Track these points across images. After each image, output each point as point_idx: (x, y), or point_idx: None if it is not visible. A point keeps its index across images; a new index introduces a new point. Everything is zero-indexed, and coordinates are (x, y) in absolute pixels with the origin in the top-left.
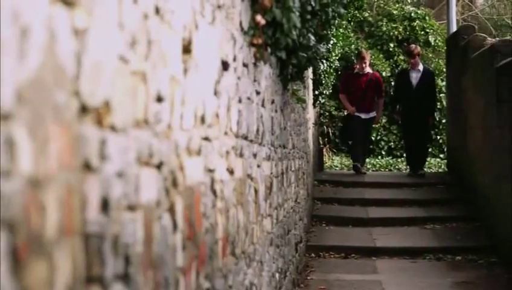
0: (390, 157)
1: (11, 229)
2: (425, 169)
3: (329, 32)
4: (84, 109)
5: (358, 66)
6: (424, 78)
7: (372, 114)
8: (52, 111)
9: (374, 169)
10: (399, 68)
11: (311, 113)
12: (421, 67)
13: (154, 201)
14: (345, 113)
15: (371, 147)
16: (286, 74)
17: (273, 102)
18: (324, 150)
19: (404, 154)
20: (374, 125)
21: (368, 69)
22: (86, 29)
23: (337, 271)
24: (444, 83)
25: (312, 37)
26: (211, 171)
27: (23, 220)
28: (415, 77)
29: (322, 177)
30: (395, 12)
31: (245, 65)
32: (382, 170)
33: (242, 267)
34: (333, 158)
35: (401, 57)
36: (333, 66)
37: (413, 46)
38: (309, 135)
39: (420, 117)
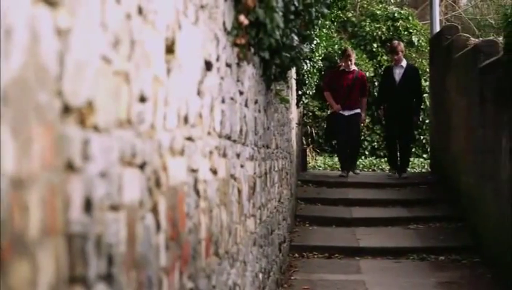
0: (374, 157)
1: None
2: (406, 172)
3: (312, 32)
4: (67, 109)
5: (343, 64)
6: (408, 74)
7: (356, 110)
8: (35, 111)
9: (357, 169)
10: (381, 69)
11: (294, 113)
12: (404, 63)
13: (137, 201)
14: (329, 112)
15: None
16: (269, 74)
17: (256, 102)
18: (307, 150)
19: (386, 155)
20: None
21: (354, 67)
22: (69, 29)
23: (320, 271)
24: (428, 83)
25: (295, 37)
26: (194, 171)
27: (6, 221)
28: (398, 73)
29: (305, 177)
30: (378, 12)
31: (228, 65)
32: (365, 170)
33: (225, 267)
34: (316, 158)
35: (385, 57)
36: (316, 66)
37: (396, 42)
38: (292, 135)
39: (403, 115)
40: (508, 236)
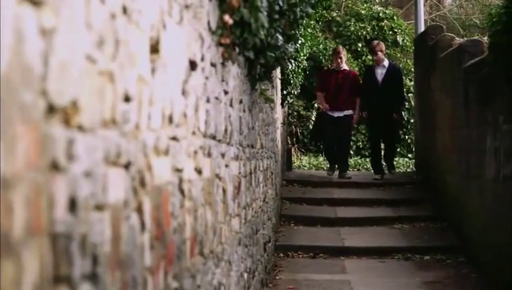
0: (359, 157)
1: None
2: (394, 169)
3: (297, 32)
4: (51, 109)
5: (334, 63)
6: (390, 75)
7: (347, 112)
8: (19, 111)
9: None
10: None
11: (279, 113)
12: (386, 63)
13: (122, 201)
14: (316, 111)
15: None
16: (254, 73)
17: (241, 102)
18: (292, 149)
19: (370, 157)
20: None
21: (345, 66)
22: (53, 29)
23: (305, 271)
24: (412, 83)
25: (280, 37)
26: (179, 170)
27: None
28: (380, 73)
29: (290, 177)
30: (363, 12)
31: (213, 65)
32: (351, 169)
33: (210, 267)
34: (301, 158)
35: (369, 57)
36: (301, 66)
37: (375, 42)
38: (277, 135)
39: (387, 116)
40: (493, 236)
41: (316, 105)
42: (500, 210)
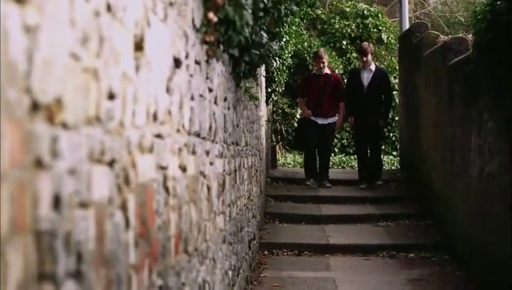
0: (343, 154)
1: None
2: (380, 182)
3: (281, 29)
4: (35, 106)
5: (315, 67)
6: (376, 79)
7: (331, 119)
8: (3, 108)
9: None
10: (351, 66)
11: (264, 111)
12: (373, 67)
13: (106, 198)
14: (300, 116)
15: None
16: (239, 71)
17: (225, 99)
18: (277, 147)
19: (357, 165)
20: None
21: (327, 70)
22: (37, 26)
23: (290, 268)
24: (397, 81)
25: (265, 35)
26: (163, 168)
27: None
28: (366, 77)
29: (275, 175)
30: (347, 9)
31: (197, 62)
32: (335, 167)
33: (195, 264)
34: (286, 155)
35: (354, 54)
36: (286, 64)
37: (366, 43)
38: (262, 133)
39: (372, 122)
40: (477, 233)
41: (299, 110)
42: (485, 207)
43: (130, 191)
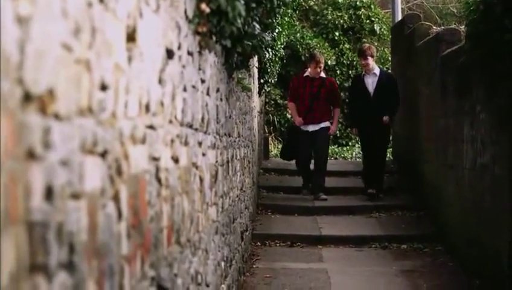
0: (336, 145)
1: None
2: (381, 195)
3: (274, 20)
4: (27, 97)
5: (310, 70)
6: (383, 84)
7: (324, 124)
8: None
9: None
10: (343, 58)
11: (256, 102)
12: (377, 70)
13: (98, 189)
14: (289, 125)
15: None
16: (231, 62)
17: (218, 90)
18: (269, 138)
19: (362, 175)
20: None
21: (321, 74)
22: (30, 17)
23: (282, 259)
24: (390, 72)
25: (257, 26)
26: (155, 159)
27: None
28: (371, 83)
29: (267, 166)
30: (340, 0)
31: (190, 53)
32: (328, 158)
33: (187, 255)
34: (279, 147)
35: (347, 46)
36: (278, 55)
37: (365, 45)
38: (254, 124)
39: (378, 132)
40: (469, 224)
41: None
42: (477, 199)
43: (122, 182)
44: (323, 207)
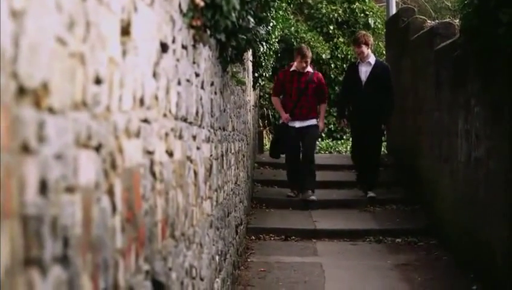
0: (330, 139)
1: None
2: (373, 194)
3: (268, 14)
4: (22, 91)
5: (296, 64)
6: (376, 74)
7: (311, 122)
8: None
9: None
10: (338, 51)
11: (251, 96)
12: (372, 60)
13: (92, 183)
14: (279, 122)
15: None
16: (226, 56)
17: (212, 84)
18: (264, 132)
19: (354, 170)
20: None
21: (308, 68)
22: (24, 10)
23: (277, 253)
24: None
25: (251, 19)
26: (150, 153)
27: None
28: (364, 72)
29: (262, 160)
30: None
31: (184, 47)
32: (322, 152)
33: (182, 249)
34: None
35: (341, 39)
36: (273, 49)
37: (361, 32)
38: (249, 117)
39: (370, 122)
40: (464, 218)
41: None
42: (472, 192)
43: (116, 175)
44: (318, 201)
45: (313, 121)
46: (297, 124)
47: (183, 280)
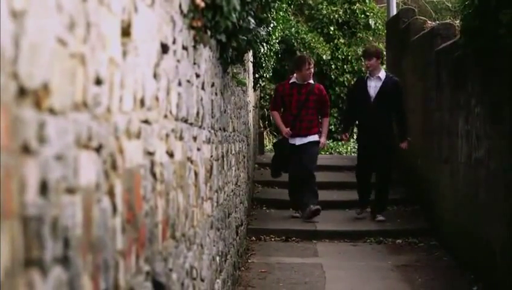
0: (331, 140)
1: None
2: (382, 218)
3: (269, 15)
4: (22, 92)
5: (301, 74)
6: (386, 90)
7: (312, 138)
8: None
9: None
10: (338, 52)
11: (251, 96)
12: (382, 74)
13: (93, 184)
14: (278, 138)
15: None
16: (226, 56)
17: (213, 85)
18: (264, 133)
19: (357, 189)
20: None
21: (310, 80)
22: (24, 11)
23: (278, 254)
24: (384, 66)
25: (252, 20)
26: (150, 154)
27: None
28: (373, 87)
29: (262, 160)
30: None
31: (185, 48)
32: (322, 153)
33: (182, 250)
34: (274, 141)
35: (342, 40)
36: (273, 49)
37: (373, 47)
38: (249, 118)
39: (379, 143)
40: (464, 219)
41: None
42: (472, 193)
43: (117, 176)
44: (319, 202)
45: (315, 137)
46: (298, 142)
47: (184, 280)
